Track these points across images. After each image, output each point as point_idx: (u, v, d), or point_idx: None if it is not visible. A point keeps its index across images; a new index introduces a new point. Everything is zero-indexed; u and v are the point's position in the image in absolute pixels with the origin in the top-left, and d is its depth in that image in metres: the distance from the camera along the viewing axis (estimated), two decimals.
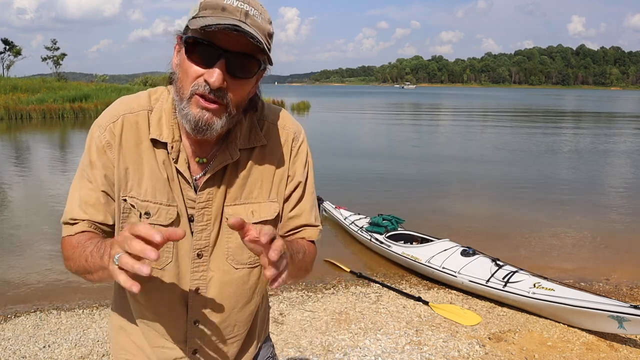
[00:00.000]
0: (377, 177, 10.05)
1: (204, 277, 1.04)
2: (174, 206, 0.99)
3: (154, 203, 0.98)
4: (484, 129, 22.14)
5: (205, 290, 1.04)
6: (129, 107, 1.00)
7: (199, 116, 0.89)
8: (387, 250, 4.99)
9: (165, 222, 0.98)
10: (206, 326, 1.07)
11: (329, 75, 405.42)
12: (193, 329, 1.07)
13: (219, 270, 1.04)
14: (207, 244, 1.02)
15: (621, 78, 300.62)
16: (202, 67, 0.88)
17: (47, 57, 50.30)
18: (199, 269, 1.03)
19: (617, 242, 6.00)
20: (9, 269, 4.94)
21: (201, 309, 1.06)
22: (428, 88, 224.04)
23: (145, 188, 0.98)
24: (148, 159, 0.98)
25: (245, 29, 0.83)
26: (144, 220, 0.98)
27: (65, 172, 10.70)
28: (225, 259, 1.04)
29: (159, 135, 0.98)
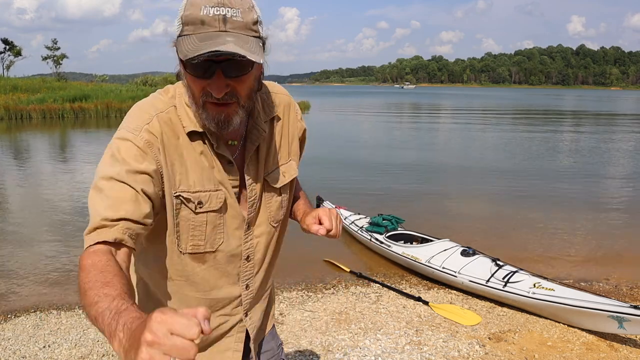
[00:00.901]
0: (377, 177, 10.05)
1: (252, 244, 1.15)
2: (221, 190, 1.06)
3: (204, 192, 1.04)
4: (484, 129, 22.13)
5: (254, 255, 1.16)
6: (156, 108, 1.02)
7: (217, 117, 0.97)
8: (387, 250, 4.99)
9: (217, 207, 1.06)
10: (254, 287, 1.20)
11: (329, 75, 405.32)
12: (246, 294, 1.19)
13: (264, 234, 1.17)
14: (254, 213, 1.14)
15: (621, 78, 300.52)
16: (203, 79, 0.93)
17: (48, 57, 50.31)
18: (248, 239, 1.14)
19: (617, 242, 6.00)
20: (9, 268, 4.94)
21: (251, 274, 1.18)
22: (428, 88, 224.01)
23: (193, 179, 1.03)
24: (189, 151, 1.03)
25: (224, 50, 0.86)
26: (198, 209, 1.03)
27: (65, 172, 10.70)
28: (268, 222, 1.17)
29: (195, 126, 1.03)
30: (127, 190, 0.91)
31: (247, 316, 1.21)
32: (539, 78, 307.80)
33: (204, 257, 1.08)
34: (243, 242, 1.12)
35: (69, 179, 9.91)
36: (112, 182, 0.91)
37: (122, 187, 0.91)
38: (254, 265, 1.17)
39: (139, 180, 0.92)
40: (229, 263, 1.12)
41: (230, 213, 1.08)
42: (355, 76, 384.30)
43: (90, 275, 0.78)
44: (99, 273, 0.78)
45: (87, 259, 0.82)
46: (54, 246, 5.66)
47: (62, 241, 5.86)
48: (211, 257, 1.09)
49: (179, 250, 1.06)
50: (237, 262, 1.14)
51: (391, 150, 14.62)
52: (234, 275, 1.14)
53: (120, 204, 0.89)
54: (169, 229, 1.03)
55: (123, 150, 0.94)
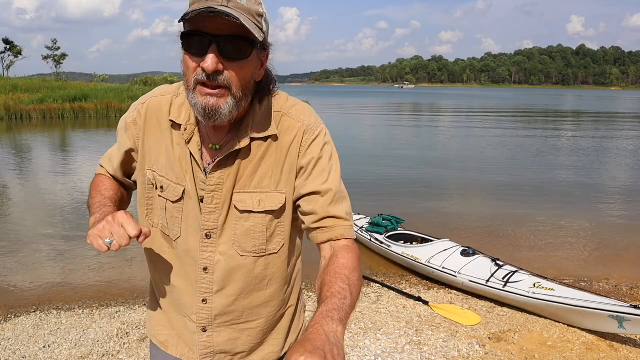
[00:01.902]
0: (377, 177, 10.05)
1: (211, 258, 1.08)
2: (181, 185, 1.05)
3: (166, 179, 1.07)
4: (483, 129, 22.13)
5: (212, 271, 1.08)
6: (159, 92, 1.13)
7: (204, 103, 0.93)
8: (387, 250, 4.99)
9: (173, 199, 1.06)
10: (213, 307, 1.11)
11: (329, 75, 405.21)
12: (201, 307, 1.11)
13: (226, 255, 1.07)
14: (216, 226, 1.06)
15: (621, 78, 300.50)
16: (197, 57, 0.92)
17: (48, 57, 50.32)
18: (207, 249, 1.08)
19: (617, 242, 6.00)
20: (9, 269, 4.94)
21: (208, 289, 1.10)
22: (427, 88, 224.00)
23: (162, 164, 1.07)
24: (165, 138, 1.07)
25: (218, 9, 0.86)
26: (159, 192, 1.09)
27: (65, 172, 10.70)
28: (231, 244, 1.07)
29: (177, 117, 1.06)
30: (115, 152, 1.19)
31: (204, 332, 1.12)
32: (539, 78, 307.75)
33: (170, 242, 1.11)
34: (200, 249, 1.07)
35: (69, 179, 9.90)
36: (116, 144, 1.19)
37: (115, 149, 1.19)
38: (213, 281, 1.08)
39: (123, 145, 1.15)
40: (187, 263, 1.09)
41: (191, 213, 1.06)
42: (355, 76, 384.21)
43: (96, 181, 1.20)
44: (100, 182, 1.19)
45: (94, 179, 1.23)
46: (54, 246, 5.66)
47: (62, 241, 5.86)
48: (173, 245, 1.10)
49: (150, 222, 1.12)
50: (193, 268, 1.08)
51: (391, 150, 14.61)
52: (193, 279, 1.09)
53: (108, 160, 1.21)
54: (140, 200, 1.14)
55: (121, 121, 1.16)
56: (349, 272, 0.93)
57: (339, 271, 0.92)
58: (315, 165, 1.05)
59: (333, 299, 0.84)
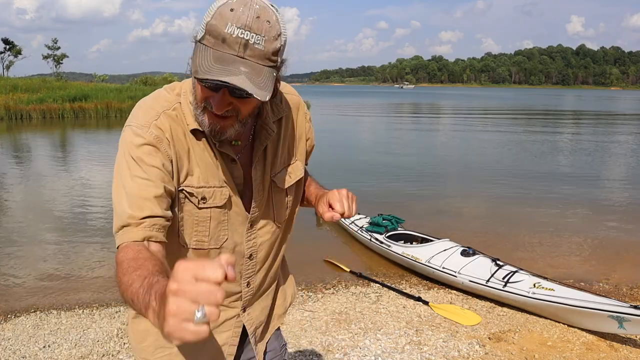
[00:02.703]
0: (377, 177, 10.05)
1: (255, 243, 1.16)
2: (225, 187, 1.08)
3: (208, 187, 1.06)
4: (483, 129, 22.13)
5: (257, 254, 1.18)
6: (162, 105, 1.03)
7: (212, 126, 0.98)
8: (387, 250, 4.99)
9: (221, 203, 1.08)
10: (254, 285, 1.22)
11: (329, 75, 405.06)
12: (246, 291, 1.20)
13: (268, 233, 1.18)
14: (259, 213, 1.15)
15: (621, 78, 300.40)
16: (208, 91, 0.94)
17: (48, 56, 50.33)
18: (251, 237, 1.16)
19: (617, 242, 6.00)
20: (9, 269, 4.94)
21: (252, 272, 1.20)
22: (427, 88, 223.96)
23: (198, 175, 1.05)
24: (194, 148, 1.05)
25: (234, 85, 0.85)
26: (201, 204, 1.05)
27: (66, 172, 10.70)
28: (273, 222, 1.19)
29: (198, 125, 1.03)
30: (147, 187, 0.94)
31: (245, 311, 1.22)
32: (539, 78, 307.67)
33: (209, 254, 1.10)
34: (246, 240, 1.14)
35: (69, 179, 9.90)
36: (133, 180, 0.95)
37: (142, 184, 0.94)
38: (256, 263, 1.19)
39: (156, 176, 0.96)
40: None
41: (234, 210, 1.10)
42: (355, 76, 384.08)
43: (124, 265, 0.83)
44: (131, 260, 0.83)
45: (120, 254, 0.88)
46: (54, 246, 5.66)
47: (62, 241, 5.86)
48: (215, 254, 1.10)
49: (181, 243, 1.08)
50: (240, 260, 1.16)
51: (390, 150, 14.61)
52: (236, 273, 1.14)
53: (143, 202, 0.93)
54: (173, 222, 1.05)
55: (136, 147, 0.97)
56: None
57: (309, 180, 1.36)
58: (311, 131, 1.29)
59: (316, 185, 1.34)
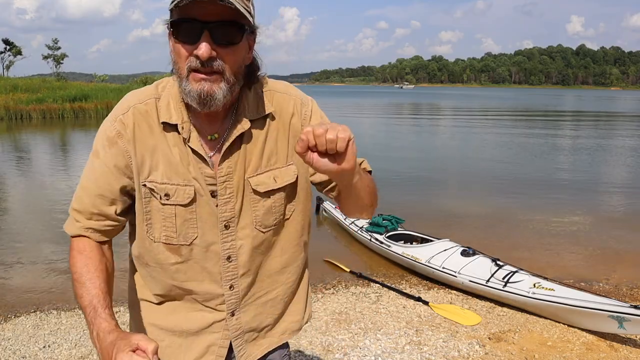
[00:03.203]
0: (377, 177, 10.01)
1: (233, 245, 1.09)
2: (190, 185, 1.03)
3: (172, 185, 1.03)
4: (483, 129, 22.13)
5: (236, 257, 1.10)
6: (137, 99, 1.06)
7: (199, 89, 0.93)
8: (387, 250, 4.99)
9: (185, 202, 1.04)
10: (240, 289, 1.14)
11: (329, 75, 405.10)
12: (230, 294, 1.13)
13: (248, 237, 1.10)
14: (233, 215, 1.07)
15: (621, 78, 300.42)
16: (189, 44, 0.92)
17: (49, 56, 50.33)
18: (227, 239, 1.09)
19: (617, 242, 6.00)
20: (9, 269, 4.94)
21: (234, 275, 1.12)
22: (427, 88, 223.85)
23: (162, 171, 1.03)
24: (161, 144, 1.03)
25: None
26: (163, 201, 1.03)
27: (66, 172, 10.70)
28: (253, 226, 1.10)
29: (169, 118, 1.02)
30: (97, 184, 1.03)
31: (233, 316, 1.16)
32: (539, 78, 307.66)
33: (180, 250, 1.08)
34: (221, 242, 1.08)
35: (69, 179, 9.90)
36: (89, 173, 1.05)
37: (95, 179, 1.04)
38: (238, 267, 1.11)
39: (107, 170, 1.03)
40: (208, 260, 1.09)
41: (205, 210, 1.06)
42: (355, 76, 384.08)
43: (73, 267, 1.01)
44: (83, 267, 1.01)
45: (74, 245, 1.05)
46: (54, 246, 5.66)
47: (62, 241, 5.85)
48: (187, 250, 1.08)
49: (150, 238, 1.08)
50: (217, 261, 1.10)
51: (390, 150, 14.60)
52: (216, 273, 1.11)
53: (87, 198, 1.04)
54: (138, 216, 1.07)
55: (99, 140, 1.04)
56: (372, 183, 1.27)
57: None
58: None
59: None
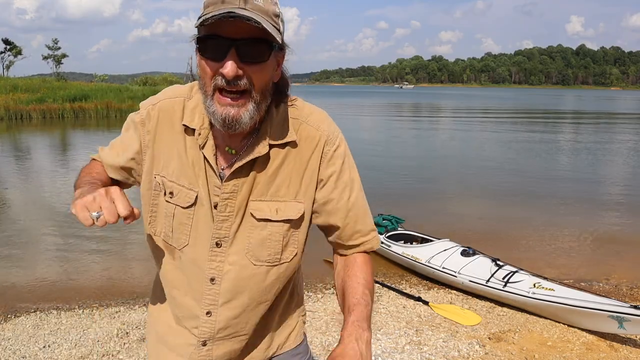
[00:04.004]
0: (377, 177, 10.04)
1: (220, 268, 1.03)
2: (194, 191, 1.01)
3: (178, 185, 1.02)
4: (483, 129, 22.13)
5: (220, 282, 1.04)
6: (169, 95, 1.07)
7: (225, 114, 0.91)
8: (387, 250, 4.99)
9: (184, 205, 1.02)
10: (217, 319, 1.06)
11: (329, 75, 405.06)
12: (204, 320, 1.07)
13: (237, 265, 1.03)
14: (227, 235, 1.02)
15: (621, 78, 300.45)
16: (215, 62, 0.89)
17: (49, 56, 50.31)
18: (216, 259, 1.03)
19: (617, 242, 6.00)
20: (9, 269, 4.94)
21: (214, 300, 1.05)
22: (427, 88, 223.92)
23: (173, 169, 1.03)
24: (177, 143, 1.03)
25: (239, 13, 0.83)
26: (167, 198, 1.04)
27: (66, 172, 10.70)
28: (244, 253, 1.03)
29: (190, 121, 1.01)
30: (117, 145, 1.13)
31: (204, 346, 1.09)
32: (539, 78, 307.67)
33: (173, 252, 1.06)
34: (208, 259, 1.03)
35: (69, 179, 9.90)
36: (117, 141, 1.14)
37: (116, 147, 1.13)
38: (220, 293, 1.04)
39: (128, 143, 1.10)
40: (193, 274, 1.05)
41: (202, 219, 1.02)
42: (355, 76, 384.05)
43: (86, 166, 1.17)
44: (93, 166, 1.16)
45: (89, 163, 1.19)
46: (54, 246, 5.66)
47: (62, 241, 5.86)
48: (177, 255, 1.05)
49: (152, 230, 1.08)
50: (200, 279, 1.04)
51: (390, 150, 14.61)
52: (197, 291, 1.05)
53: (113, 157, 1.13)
54: (144, 207, 1.07)
55: (129, 119, 1.11)
56: (369, 277, 1.05)
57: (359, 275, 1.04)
58: (337, 178, 1.06)
59: (359, 307, 0.95)
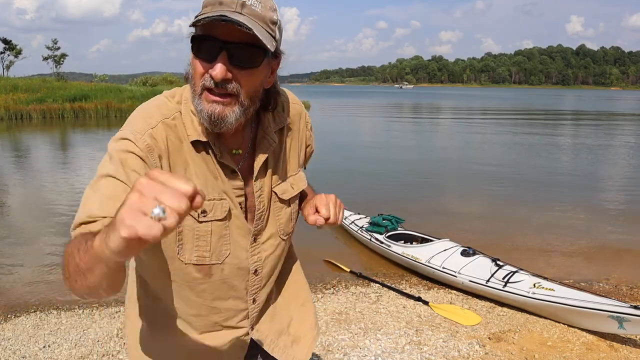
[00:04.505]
0: (377, 177, 10.04)
1: (260, 258, 1.11)
2: (226, 199, 1.03)
3: (208, 200, 1.00)
4: (483, 129, 22.13)
5: (262, 269, 1.13)
6: (162, 113, 0.99)
7: (210, 110, 0.91)
8: (387, 250, 4.99)
9: (221, 216, 1.03)
10: (260, 301, 1.16)
11: (329, 75, 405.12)
12: (252, 308, 1.15)
13: (272, 246, 1.13)
14: (262, 225, 1.10)
15: (621, 78, 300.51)
16: (206, 62, 0.90)
17: (48, 57, 50.29)
18: (255, 252, 1.10)
19: (617, 242, 6.00)
20: (9, 269, 4.94)
21: (258, 287, 1.14)
22: (427, 88, 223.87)
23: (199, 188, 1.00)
24: (193, 159, 1.00)
25: (231, 17, 0.83)
26: (202, 218, 1.00)
27: (66, 172, 10.70)
28: (278, 235, 1.14)
29: (199, 135, 0.98)
30: (117, 187, 0.86)
31: (253, 329, 1.18)
32: (539, 78, 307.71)
33: (211, 270, 1.05)
34: (250, 255, 1.09)
35: (69, 178, 9.90)
36: (107, 180, 0.88)
37: (115, 184, 0.87)
38: (262, 279, 1.13)
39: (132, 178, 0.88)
40: (237, 276, 1.09)
41: (235, 224, 1.05)
42: (355, 76, 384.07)
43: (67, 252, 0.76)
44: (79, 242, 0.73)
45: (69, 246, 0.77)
46: (53, 246, 5.66)
47: (62, 241, 5.85)
48: (218, 270, 1.06)
49: (180, 259, 1.02)
50: (245, 276, 1.10)
51: (390, 150, 14.60)
52: (242, 289, 1.11)
53: (108, 202, 0.83)
54: (170, 237, 0.99)
55: (124, 151, 0.91)
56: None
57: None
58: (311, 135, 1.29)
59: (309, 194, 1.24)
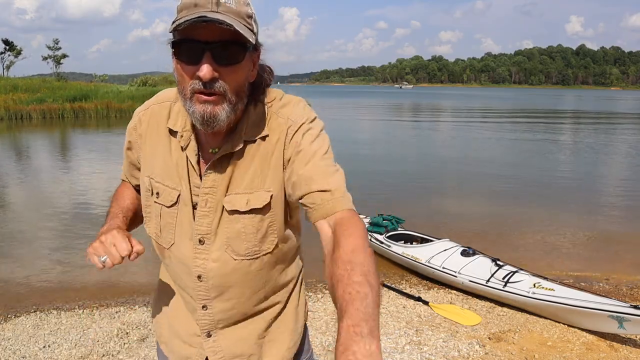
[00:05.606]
0: (377, 177, 10.05)
1: (204, 265, 1.07)
2: (176, 190, 1.06)
3: (163, 185, 1.07)
4: (483, 130, 22.13)
5: (207, 279, 1.08)
6: (158, 99, 1.14)
7: (202, 111, 0.94)
8: (387, 250, 4.99)
9: (168, 204, 1.07)
10: (214, 312, 1.11)
11: (329, 75, 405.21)
12: (202, 314, 1.12)
13: (219, 261, 1.06)
14: (209, 231, 1.05)
15: (621, 78, 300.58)
16: (191, 65, 0.92)
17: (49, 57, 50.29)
18: (200, 256, 1.06)
19: (617, 242, 6.00)
20: (9, 269, 4.94)
21: (206, 296, 1.09)
22: (426, 88, 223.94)
23: (159, 171, 1.08)
24: (163, 145, 1.08)
25: (211, 17, 0.86)
26: (154, 198, 1.09)
27: (66, 172, 10.70)
28: (225, 249, 1.05)
29: (174, 124, 1.07)
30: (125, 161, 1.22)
31: (209, 337, 1.13)
32: (539, 78, 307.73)
33: (163, 251, 1.11)
34: (192, 257, 1.06)
35: (69, 179, 9.90)
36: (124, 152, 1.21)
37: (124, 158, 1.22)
38: (209, 289, 1.08)
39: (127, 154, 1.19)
40: (182, 272, 1.10)
41: (184, 219, 1.06)
42: (355, 76, 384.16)
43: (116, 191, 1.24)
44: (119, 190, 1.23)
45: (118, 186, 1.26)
46: (54, 246, 5.66)
47: (62, 241, 5.86)
48: (167, 254, 1.11)
49: (147, 229, 1.14)
50: (190, 276, 1.08)
51: (390, 150, 14.61)
52: (190, 287, 1.10)
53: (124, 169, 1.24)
54: (142, 208, 1.14)
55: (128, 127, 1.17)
56: (360, 257, 0.79)
57: (347, 259, 0.78)
58: (298, 152, 1.00)
59: (354, 303, 0.73)
